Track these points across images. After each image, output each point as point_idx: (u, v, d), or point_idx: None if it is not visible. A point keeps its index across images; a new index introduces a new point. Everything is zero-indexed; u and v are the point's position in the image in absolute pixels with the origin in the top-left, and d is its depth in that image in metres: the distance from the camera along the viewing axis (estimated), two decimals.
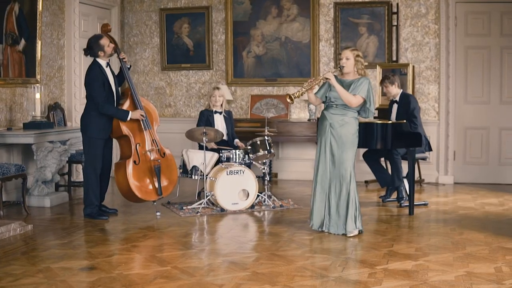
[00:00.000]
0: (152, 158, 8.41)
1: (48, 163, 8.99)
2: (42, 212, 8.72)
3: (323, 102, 7.55)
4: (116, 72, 8.64)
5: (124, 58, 8.52)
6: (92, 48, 8.26)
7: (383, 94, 10.88)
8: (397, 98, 9.40)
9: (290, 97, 7.25)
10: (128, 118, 8.24)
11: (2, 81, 9.07)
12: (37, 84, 9.44)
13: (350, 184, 7.28)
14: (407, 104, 9.24)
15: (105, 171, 8.47)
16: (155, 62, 12.35)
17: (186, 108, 12.23)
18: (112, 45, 8.33)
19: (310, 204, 7.57)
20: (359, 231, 7.31)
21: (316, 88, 7.47)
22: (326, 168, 7.37)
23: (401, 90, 9.47)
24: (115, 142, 8.75)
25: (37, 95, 9.13)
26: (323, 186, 7.41)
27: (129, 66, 8.63)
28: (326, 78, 7.32)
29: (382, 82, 9.56)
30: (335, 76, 7.38)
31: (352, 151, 7.33)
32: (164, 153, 8.58)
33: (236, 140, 9.64)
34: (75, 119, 10.63)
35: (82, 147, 9.46)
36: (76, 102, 10.71)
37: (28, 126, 8.98)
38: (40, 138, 8.77)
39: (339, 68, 7.40)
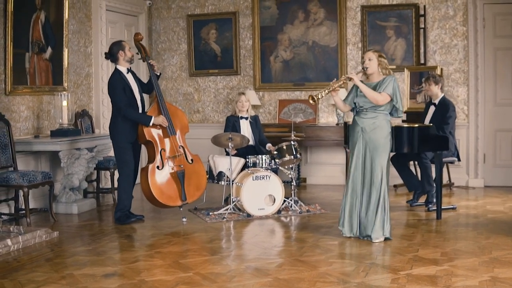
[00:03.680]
0: (176, 163, 8.42)
1: (75, 170, 9.05)
2: (70, 219, 8.78)
3: (352, 110, 7.48)
4: (143, 79, 8.71)
5: (153, 65, 8.56)
6: (112, 49, 8.38)
7: (412, 97, 10.83)
8: (436, 101, 9.30)
9: (312, 98, 7.23)
10: (151, 124, 8.28)
11: (29, 89, 9.16)
12: (64, 92, 9.50)
13: (381, 189, 7.18)
14: (445, 111, 9.10)
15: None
16: (183, 68, 12.39)
17: (214, 114, 12.24)
18: (130, 53, 8.38)
19: (341, 210, 7.47)
20: (385, 238, 7.23)
21: (341, 91, 7.39)
22: (358, 174, 7.28)
23: (443, 94, 9.35)
24: (143, 148, 8.79)
25: (64, 103, 9.19)
26: (355, 191, 7.31)
27: (158, 74, 8.67)
28: (349, 78, 7.30)
29: (426, 80, 9.41)
30: (361, 81, 7.32)
31: (385, 155, 7.21)
32: (191, 160, 8.58)
33: (269, 145, 9.57)
34: (103, 126, 10.69)
35: (109, 154, 9.59)
36: (104, 109, 10.77)
37: (55, 133, 9.06)
38: (67, 145, 8.84)
39: (363, 70, 7.33)
